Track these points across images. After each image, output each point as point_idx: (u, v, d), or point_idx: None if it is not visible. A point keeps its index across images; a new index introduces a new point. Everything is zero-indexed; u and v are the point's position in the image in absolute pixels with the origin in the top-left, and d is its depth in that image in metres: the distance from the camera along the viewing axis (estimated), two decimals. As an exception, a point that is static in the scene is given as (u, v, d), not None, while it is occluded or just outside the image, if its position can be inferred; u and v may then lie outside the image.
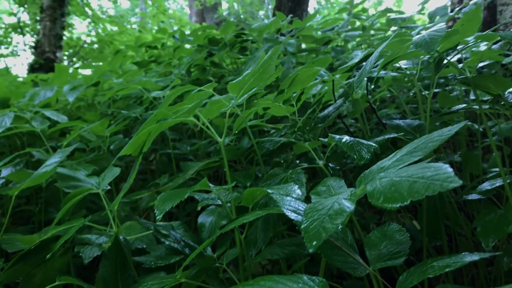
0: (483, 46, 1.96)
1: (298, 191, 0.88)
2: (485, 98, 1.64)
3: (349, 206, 0.65)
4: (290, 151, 2.01)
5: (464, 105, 1.46)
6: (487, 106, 1.49)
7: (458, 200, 1.55)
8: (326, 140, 1.33)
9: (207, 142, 2.17)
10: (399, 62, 1.52)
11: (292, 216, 0.73)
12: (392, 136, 1.32)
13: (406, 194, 0.60)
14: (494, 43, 2.44)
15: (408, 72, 1.39)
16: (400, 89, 2.49)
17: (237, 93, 1.23)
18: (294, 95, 1.72)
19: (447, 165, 0.61)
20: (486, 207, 1.35)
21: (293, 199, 0.81)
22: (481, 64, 2.59)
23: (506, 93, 1.31)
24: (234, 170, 2.16)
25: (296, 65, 3.21)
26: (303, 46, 3.97)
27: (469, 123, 1.84)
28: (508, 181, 1.36)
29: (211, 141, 2.17)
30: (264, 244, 0.98)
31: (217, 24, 16.81)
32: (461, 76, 1.20)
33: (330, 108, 1.63)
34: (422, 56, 1.43)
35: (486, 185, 1.37)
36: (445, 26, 1.02)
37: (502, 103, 1.59)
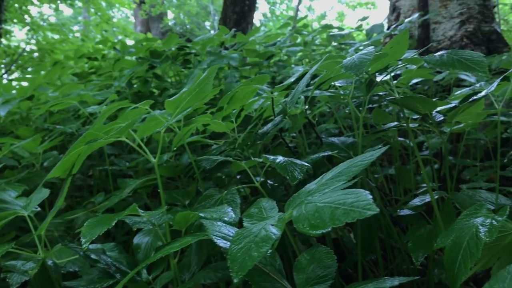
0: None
1: (231, 214, 0.87)
2: (415, 117, 1.71)
3: (276, 232, 0.66)
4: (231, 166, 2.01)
5: (396, 123, 1.52)
6: (416, 125, 1.55)
7: (391, 214, 1.61)
8: (269, 156, 1.33)
9: (146, 159, 2.13)
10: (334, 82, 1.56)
11: (221, 243, 0.73)
12: (327, 154, 1.35)
13: (328, 221, 0.61)
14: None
15: (342, 92, 1.43)
16: (338, 104, 2.56)
17: (173, 111, 1.22)
18: (234, 111, 1.72)
19: (367, 192, 0.62)
20: (416, 222, 1.41)
21: (224, 224, 0.81)
22: (414, 81, 2.71)
23: (433, 112, 1.37)
24: (174, 187, 2.13)
25: (240, 79, 3.23)
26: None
27: (402, 138, 1.92)
28: (436, 196, 1.43)
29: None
30: (198, 267, 0.97)
31: (163, 34, 16.61)
32: (390, 97, 1.24)
33: (269, 125, 1.65)
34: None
35: (416, 201, 1.42)
36: (373, 49, 1.06)
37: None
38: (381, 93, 2.15)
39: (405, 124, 1.56)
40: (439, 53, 1.07)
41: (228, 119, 1.68)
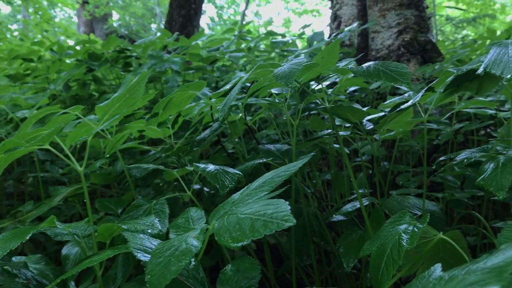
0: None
1: (157, 225, 0.85)
2: (348, 124, 1.75)
3: (196, 245, 0.65)
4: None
5: (329, 130, 1.55)
6: (348, 132, 1.59)
7: (325, 221, 1.63)
8: (200, 165, 1.32)
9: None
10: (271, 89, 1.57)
11: (141, 257, 0.71)
12: (261, 161, 1.35)
13: (248, 233, 0.61)
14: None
15: (277, 100, 1.44)
16: (278, 111, 2.58)
17: (103, 117, 1.18)
18: (171, 117, 1.70)
19: (286, 203, 0.62)
20: (348, 228, 1.44)
21: (146, 237, 0.79)
22: (352, 89, 2.79)
23: (364, 120, 1.41)
24: (110, 195, 2.07)
25: (182, 83, 3.19)
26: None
27: (337, 145, 1.96)
28: (367, 202, 1.47)
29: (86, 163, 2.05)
30: (123, 280, 0.94)
31: (107, 35, 16.17)
32: (321, 106, 1.26)
33: (207, 131, 1.63)
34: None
35: (348, 207, 1.46)
36: (304, 59, 1.07)
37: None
38: (318, 101, 2.19)
39: (340, 132, 1.59)
40: (366, 64, 1.10)
41: (165, 125, 1.65)
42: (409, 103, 1.19)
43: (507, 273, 0.49)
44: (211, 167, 1.08)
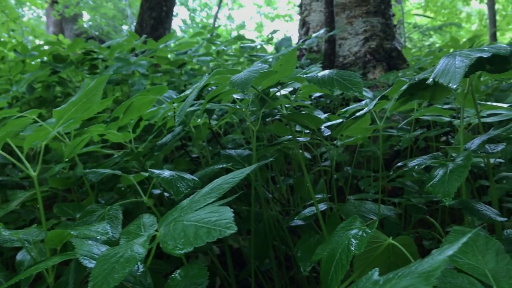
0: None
1: (108, 231, 0.85)
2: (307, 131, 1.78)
3: (141, 252, 0.65)
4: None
5: (289, 136, 1.57)
6: (308, 138, 1.61)
7: (286, 225, 1.65)
8: (155, 170, 1.32)
9: (41, 168, 2.02)
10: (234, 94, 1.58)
11: (88, 264, 0.71)
12: (221, 166, 1.36)
13: (192, 240, 0.61)
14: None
15: (238, 106, 1.45)
16: (243, 116, 2.59)
17: (58, 121, 1.16)
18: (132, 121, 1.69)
19: (230, 211, 0.63)
20: (306, 232, 1.46)
21: (95, 244, 0.79)
22: (317, 94, 2.83)
23: (322, 127, 1.43)
24: (70, 200, 2.04)
25: (149, 86, 3.17)
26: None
27: (300, 151, 1.98)
28: (325, 207, 1.49)
29: (44, 167, 2.02)
30: (75, 286, 0.93)
31: (77, 36, 15.91)
32: (279, 113, 1.28)
33: (168, 136, 1.63)
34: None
35: (306, 211, 1.48)
36: (261, 67, 1.08)
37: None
38: (279, 107, 2.22)
39: (299, 138, 1.62)
40: (322, 72, 1.13)
41: (126, 129, 1.64)
42: (364, 111, 1.22)
43: (434, 277, 0.51)
44: (166, 173, 1.08)
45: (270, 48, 5.48)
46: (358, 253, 0.88)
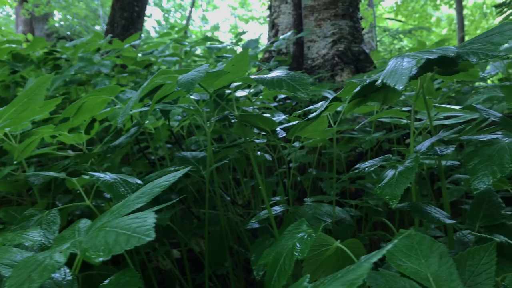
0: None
1: (36, 237, 0.81)
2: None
3: (60, 260, 0.61)
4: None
5: (247, 138, 1.54)
6: (263, 140, 1.59)
7: (245, 228, 1.63)
8: (95, 174, 1.27)
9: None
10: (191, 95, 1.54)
11: (6, 272, 0.67)
12: (173, 169, 1.32)
13: (111, 247, 0.58)
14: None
15: (192, 107, 1.42)
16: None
17: None
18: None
19: (153, 217, 0.60)
20: (262, 235, 1.43)
21: (20, 251, 0.74)
22: (282, 96, 2.81)
23: (278, 129, 1.41)
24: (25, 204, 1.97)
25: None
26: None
27: (260, 153, 1.96)
28: (281, 209, 1.47)
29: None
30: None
31: (48, 35, 15.59)
32: (231, 114, 1.26)
33: (122, 138, 1.59)
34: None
35: (262, 214, 1.45)
36: (207, 67, 1.06)
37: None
38: (245, 108, 2.19)
39: (257, 140, 1.60)
40: (272, 74, 1.11)
41: (78, 130, 1.59)
42: (315, 113, 1.21)
43: (356, 285, 0.49)
44: (107, 176, 1.04)
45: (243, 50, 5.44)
46: (301, 258, 0.87)
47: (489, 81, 3.60)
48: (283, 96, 2.87)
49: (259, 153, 1.98)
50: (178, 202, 1.77)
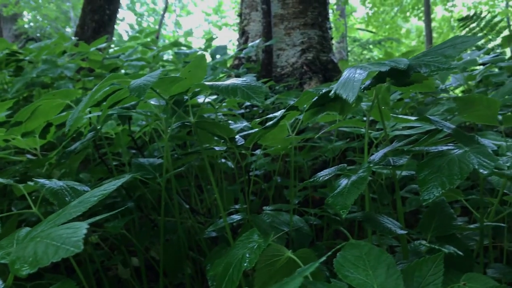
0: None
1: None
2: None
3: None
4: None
5: (198, 147, 1.53)
6: (223, 148, 1.58)
7: (203, 237, 1.60)
8: (40, 180, 1.23)
9: None
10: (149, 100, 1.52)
11: None
12: (130, 176, 1.30)
13: (39, 259, 0.56)
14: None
15: (148, 113, 1.39)
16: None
17: None
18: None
19: (84, 227, 0.58)
20: (219, 244, 1.42)
21: None
22: (248, 103, 2.80)
23: (237, 136, 1.40)
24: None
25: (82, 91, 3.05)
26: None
27: (224, 160, 1.95)
28: (239, 218, 1.46)
29: None
30: None
31: (16, 36, 15.22)
32: (185, 121, 1.24)
33: (77, 143, 1.55)
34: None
35: (220, 222, 1.44)
36: (159, 72, 1.04)
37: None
38: (208, 115, 2.18)
39: (219, 147, 1.58)
40: (227, 81, 1.10)
41: (33, 134, 1.54)
42: (272, 121, 1.20)
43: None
44: (53, 183, 1.00)
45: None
46: (249, 268, 0.85)
47: (456, 92, 3.68)
48: (249, 103, 2.86)
49: (223, 160, 1.96)
50: (136, 209, 1.73)
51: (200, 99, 1.52)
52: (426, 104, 2.73)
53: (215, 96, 1.89)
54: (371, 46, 10.02)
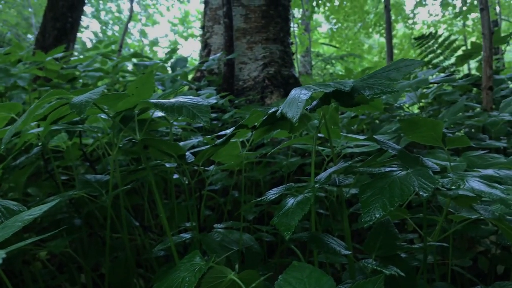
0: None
1: None
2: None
3: None
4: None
5: (158, 161, 1.51)
6: (173, 164, 1.55)
7: (150, 256, 1.57)
8: None
9: None
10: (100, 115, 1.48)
11: None
12: (72, 193, 1.26)
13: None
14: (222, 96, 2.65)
15: (95, 129, 1.36)
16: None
17: None
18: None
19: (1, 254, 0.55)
20: (167, 264, 1.39)
21: None
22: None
23: (187, 153, 1.39)
24: None
25: (32, 101, 2.96)
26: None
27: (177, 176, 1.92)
28: (188, 236, 1.44)
29: None
30: None
31: (-27, 41, 14.72)
32: (131, 138, 1.22)
33: (23, 157, 1.50)
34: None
35: (175, 239, 1.41)
36: (102, 89, 1.02)
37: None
38: (162, 129, 2.15)
39: (169, 164, 1.56)
40: (174, 99, 1.08)
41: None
42: (221, 139, 1.19)
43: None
44: (-14, 202, 0.96)
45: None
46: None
47: (412, 109, 3.78)
48: (213, 115, 2.85)
49: (176, 176, 1.93)
50: (86, 226, 1.69)
51: (159, 113, 1.49)
52: (381, 120, 2.79)
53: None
54: (333, 61, 10.19)
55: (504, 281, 1.22)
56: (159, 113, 1.58)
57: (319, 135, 1.92)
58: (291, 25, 11.14)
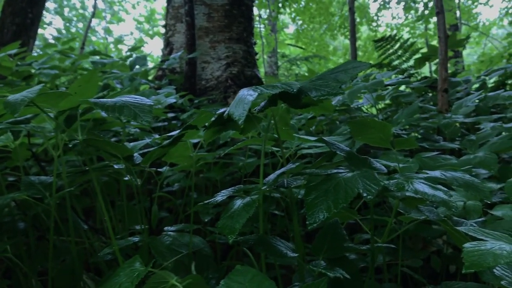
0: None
1: None
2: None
3: None
4: None
5: (106, 162, 1.46)
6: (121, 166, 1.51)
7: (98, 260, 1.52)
8: None
9: None
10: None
11: None
12: (16, 195, 1.21)
13: None
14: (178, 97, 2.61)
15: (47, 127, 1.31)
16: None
17: None
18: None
19: None
20: (113, 268, 1.35)
21: None
22: (172, 115, 2.75)
23: (136, 154, 1.35)
24: None
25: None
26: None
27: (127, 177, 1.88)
28: (137, 239, 1.40)
29: None
30: None
31: None
32: (74, 140, 1.17)
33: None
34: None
35: (122, 242, 1.37)
36: (40, 87, 0.97)
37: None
38: (115, 129, 2.10)
39: (118, 165, 1.52)
40: (116, 98, 1.05)
41: None
42: (168, 141, 1.16)
43: None
44: None
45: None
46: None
47: (371, 110, 3.82)
48: (172, 115, 2.80)
49: (127, 177, 1.89)
50: (33, 230, 1.62)
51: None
52: (341, 121, 2.81)
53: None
54: (299, 62, 10.25)
55: (455, 280, 1.24)
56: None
57: (276, 136, 1.92)
58: (258, 25, 11.17)
